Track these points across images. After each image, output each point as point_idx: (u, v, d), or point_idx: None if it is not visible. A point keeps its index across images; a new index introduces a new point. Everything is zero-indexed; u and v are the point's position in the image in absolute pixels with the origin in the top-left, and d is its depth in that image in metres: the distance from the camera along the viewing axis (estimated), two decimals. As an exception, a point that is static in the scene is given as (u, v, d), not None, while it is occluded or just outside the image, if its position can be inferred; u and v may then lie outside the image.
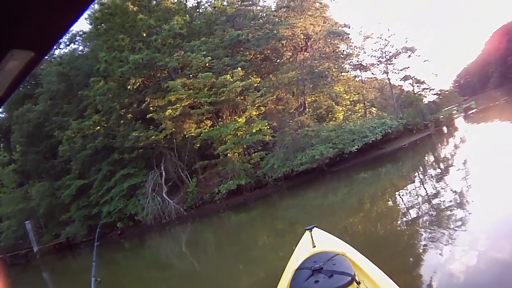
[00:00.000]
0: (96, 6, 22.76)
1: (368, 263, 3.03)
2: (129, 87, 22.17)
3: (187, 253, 13.38)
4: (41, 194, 24.41)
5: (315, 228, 3.98)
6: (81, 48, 28.46)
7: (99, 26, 23.13)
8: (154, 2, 23.69)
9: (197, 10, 24.56)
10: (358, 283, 2.53)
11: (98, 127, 22.32)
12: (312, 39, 21.85)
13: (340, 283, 2.52)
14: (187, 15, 22.99)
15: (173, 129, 21.24)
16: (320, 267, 2.76)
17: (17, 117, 24.81)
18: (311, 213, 11.59)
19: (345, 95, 22.50)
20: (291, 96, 21.49)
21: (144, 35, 22.80)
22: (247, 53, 21.90)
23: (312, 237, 3.68)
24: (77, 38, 27.74)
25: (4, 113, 28.47)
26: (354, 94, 22.83)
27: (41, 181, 25.15)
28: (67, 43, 27.38)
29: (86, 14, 25.63)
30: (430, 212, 6.77)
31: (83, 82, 23.01)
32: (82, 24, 28.12)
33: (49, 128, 23.98)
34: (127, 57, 21.59)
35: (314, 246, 3.43)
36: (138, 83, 22.28)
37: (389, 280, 2.66)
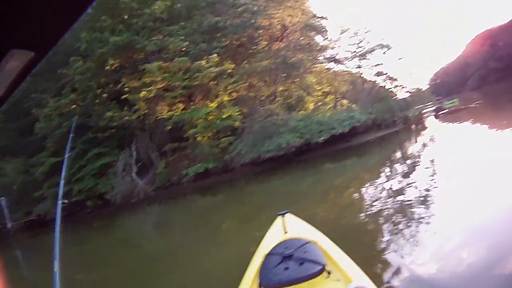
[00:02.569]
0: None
1: (340, 252, 2.95)
2: (107, 67, 22.64)
3: (155, 233, 13.62)
4: (15, 170, 24.88)
5: (288, 213, 3.87)
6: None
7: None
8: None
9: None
10: (329, 272, 2.50)
11: (74, 106, 22.79)
12: (288, 30, 22.45)
13: (310, 271, 2.48)
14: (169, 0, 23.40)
15: (146, 111, 21.86)
16: (290, 253, 2.71)
17: (-7, 95, 25.04)
18: (277, 200, 11.75)
19: (317, 86, 23.01)
20: (263, 84, 22.10)
21: (126, 17, 23.27)
22: (224, 39, 22.37)
23: (284, 222, 3.59)
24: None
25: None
26: (326, 86, 23.30)
27: (16, 158, 25.47)
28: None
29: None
30: (394, 207, 6.84)
31: (62, 60, 23.37)
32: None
33: (27, 106, 24.33)
34: (107, 38, 22.13)
35: (286, 232, 3.38)
36: (116, 64, 22.74)
37: (360, 271, 2.60)
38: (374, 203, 7.40)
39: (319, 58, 22.61)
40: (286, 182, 15.26)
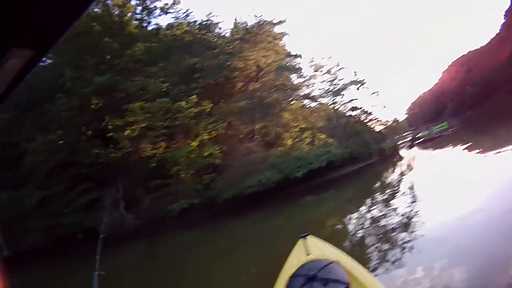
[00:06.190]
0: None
1: (362, 271, 3.16)
2: (91, 106, 24.18)
3: (148, 267, 14.66)
4: (1, 203, 26.01)
5: (309, 236, 4.00)
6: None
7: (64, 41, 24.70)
8: (117, 25, 25.39)
9: (157, 36, 26.45)
10: None
11: (61, 142, 24.34)
12: (263, 71, 24.18)
13: None
14: (147, 41, 24.83)
15: (130, 149, 23.60)
16: (314, 275, 2.84)
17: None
18: (258, 234, 12.96)
19: (293, 122, 24.97)
20: (241, 123, 23.87)
21: (108, 57, 24.72)
22: (201, 80, 24.02)
23: (306, 244, 3.73)
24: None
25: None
26: (303, 122, 25.27)
27: (2, 190, 26.72)
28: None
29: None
30: (375, 234, 7.51)
31: (45, 94, 24.64)
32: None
33: (16, 139, 25.59)
34: (91, 78, 23.62)
35: (308, 254, 3.49)
36: (100, 103, 24.35)
37: None
38: (354, 232, 8.50)
39: (294, 96, 24.42)
40: (267, 216, 16.85)
